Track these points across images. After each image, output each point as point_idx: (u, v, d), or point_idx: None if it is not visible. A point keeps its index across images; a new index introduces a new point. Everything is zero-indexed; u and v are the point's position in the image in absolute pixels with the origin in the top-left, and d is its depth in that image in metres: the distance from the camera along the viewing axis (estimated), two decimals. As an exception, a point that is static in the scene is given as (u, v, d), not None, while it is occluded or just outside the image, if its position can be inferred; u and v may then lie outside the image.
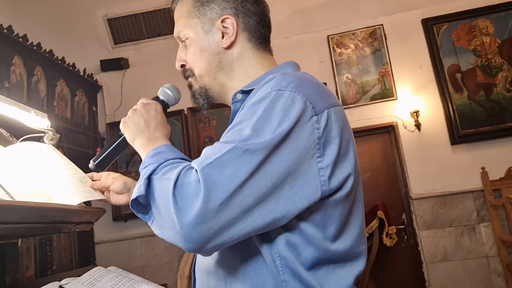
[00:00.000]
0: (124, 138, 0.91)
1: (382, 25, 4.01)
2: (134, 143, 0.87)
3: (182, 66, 0.94)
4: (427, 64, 3.90)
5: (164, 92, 0.96)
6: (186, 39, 0.91)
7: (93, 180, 1.08)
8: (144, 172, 0.75)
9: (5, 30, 2.96)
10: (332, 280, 0.75)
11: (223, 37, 0.88)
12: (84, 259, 3.84)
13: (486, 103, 3.76)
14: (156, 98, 0.95)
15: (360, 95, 3.95)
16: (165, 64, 4.22)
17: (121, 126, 0.90)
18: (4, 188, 0.87)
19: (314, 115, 0.72)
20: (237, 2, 0.89)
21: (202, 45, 0.89)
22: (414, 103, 3.79)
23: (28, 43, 3.20)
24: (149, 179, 0.73)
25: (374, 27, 4.03)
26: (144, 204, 0.75)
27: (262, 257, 0.74)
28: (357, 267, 0.79)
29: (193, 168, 0.69)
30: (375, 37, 4.02)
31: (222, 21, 0.88)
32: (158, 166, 0.74)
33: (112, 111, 4.28)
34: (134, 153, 0.95)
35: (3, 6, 3.18)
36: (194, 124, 4.14)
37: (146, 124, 0.86)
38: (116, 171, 4.08)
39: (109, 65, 4.31)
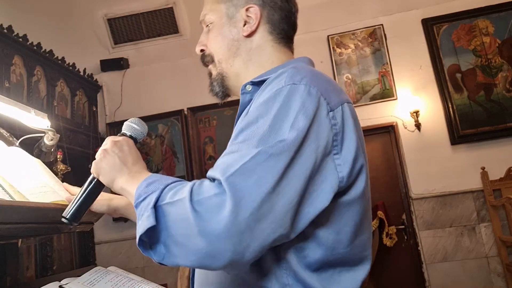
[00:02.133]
0: (97, 182, 0.83)
1: (382, 25, 4.00)
2: (114, 185, 0.79)
3: (202, 50, 0.94)
4: (427, 64, 3.90)
5: (130, 127, 0.87)
6: (210, 23, 0.91)
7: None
8: (145, 204, 0.68)
9: (5, 30, 2.96)
10: (338, 284, 0.73)
11: (245, 25, 0.88)
12: (84, 259, 3.84)
13: (486, 103, 3.75)
14: (123, 135, 0.87)
15: (360, 95, 3.95)
16: (165, 64, 4.23)
17: (92, 170, 0.82)
18: (4, 188, 0.88)
19: (330, 111, 0.71)
20: None
21: (224, 31, 0.89)
22: (414, 103, 3.79)
23: (28, 43, 3.20)
24: (156, 208, 0.66)
25: (374, 27, 4.03)
26: (146, 240, 0.68)
27: (266, 259, 0.72)
28: (363, 270, 0.77)
29: (204, 181, 0.66)
30: (375, 37, 4.02)
31: (247, 9, 0.88)
32: (161, 192, 0.67)
33: (112, 111, 4.29)
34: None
35: (3, 6, 3.18)
36: (194, 124, 4.13)
37: (122, 161, 0.79)
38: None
39: (109, 65, 4.31)
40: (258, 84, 0.84)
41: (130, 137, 0.87)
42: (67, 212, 0.83)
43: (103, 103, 4.34)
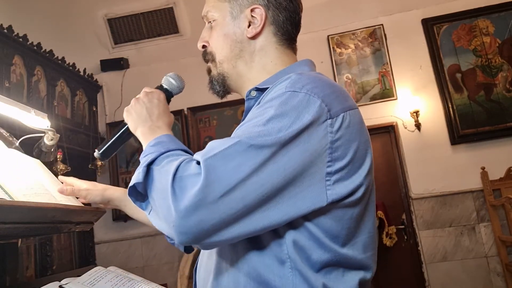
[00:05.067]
0: (128, 127, 0.90)
1: (382, 25, 4.00)
2: (136, 132, 0.86)
3: (204, 46, 0.93)
4: (427, 64, 3.90)
5: (167, 81, 0.95)
6: (213, 20, 0.90)
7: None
8: (143, 160, 0.74)
9: (5, 30, 2.96)
10: (342, 283, 0.74)
11: (249, 26, 0.87)
12: (84, 259, 3.84)
13: (486, 103, 3.75)
14: (160, 87, 0.94)
15: (360, 95, 3.95)
16: (165, 64, 4.23)
17: (124, 115, 0.89)
18: (4, 188, 0.88)
19: (329, 118, 0.70)
20: None
21: (227, 31, 0.88)
22: (414, 103, 3.79)
23: (28, 43, 3.20)
24: (148, 168, 0.72)
25: (374, 27, 4.03)
26: (141, 193, 0.74)
27: (271, 259, 0.72)
28: (364, 273, 0.77)
29: (194, 160, 0.69)
30: (375, 37, 4.02)
31: (252, 10, 0.87)
32: (159, 156, 0.73)
33: (112, 111, 4.28)
34: (134, 152, 0.94)
35: (3, 6, 3.18)
36: (194, 124, 4.13)
37: (148, 113, 0.86)
38: (116, 171, 4.10)
39: (109, 65, 4.31)
40: (262, 90, 0.84)
41: (166, 90, 0.94)
42: (100, 149, 0.93)
43: (103, 103, 4.34)
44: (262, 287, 0.72)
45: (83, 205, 1.06)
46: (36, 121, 1.13)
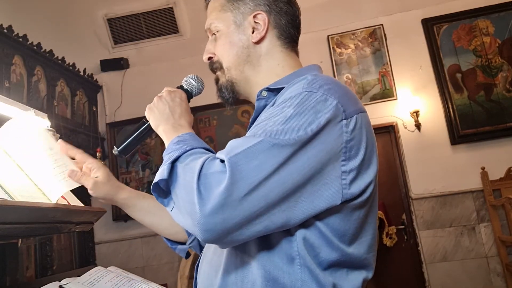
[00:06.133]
0: (149, 125, 0.91)
1: (382, 25, 4.00)
2: (158, 129, 0.87)
3: (210, 58, 0.95)
4: (427, 64, 3.90)
5: (188, 82, 0.97)
6: (217, 31, 0.92)
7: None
8: (168, 157, 0.75)
9: (5, 30, 2.96)
10: (347, 282, 0.76)
11: (253, 32, 0.90)
12: (84, 259, 3.84)
13: (486, 103, 3.75)
14: (181, 87, 0.96)
15: (360, 95, 3.95)
16: (165, 64, 4.23)
17: (146, 113, 0.90)
18: (4, 188, 0.88)
19: (344, 119, 0.73)
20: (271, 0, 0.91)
21: (232, 38, 0.91)
22: (414, 103, 3.79)
23: (28, 43, 3.20)
24: (172, 165, 0.73)
25: (374, 27, 4.02)
26: (164, 189, 0.75)
27: (281, 256, 0.74)
28: (367, 273, 0.79)
29: (217, 158, 0.70)
30: (375, 37, 4.02)
31: (254, 16, 0.90)
32: (183, 153, 0.74)
33: (112, 111, 4.28)
34: (134, 153, 0.94)
35: (3, 6, 3.18)
36: (194, 124, 4.10)
37: (171, 111, 0.87)
38: (117, 171, 4.10)
39: (109, 65, 4.30)
40: (273, 90, 0.86)
41: (186, 90, 0.95)
42: (118, 146, 0.93)
43: (103, 103, 4.33)
44: (271, 284, 0.73)
45: (83, 205, 1.06)
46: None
